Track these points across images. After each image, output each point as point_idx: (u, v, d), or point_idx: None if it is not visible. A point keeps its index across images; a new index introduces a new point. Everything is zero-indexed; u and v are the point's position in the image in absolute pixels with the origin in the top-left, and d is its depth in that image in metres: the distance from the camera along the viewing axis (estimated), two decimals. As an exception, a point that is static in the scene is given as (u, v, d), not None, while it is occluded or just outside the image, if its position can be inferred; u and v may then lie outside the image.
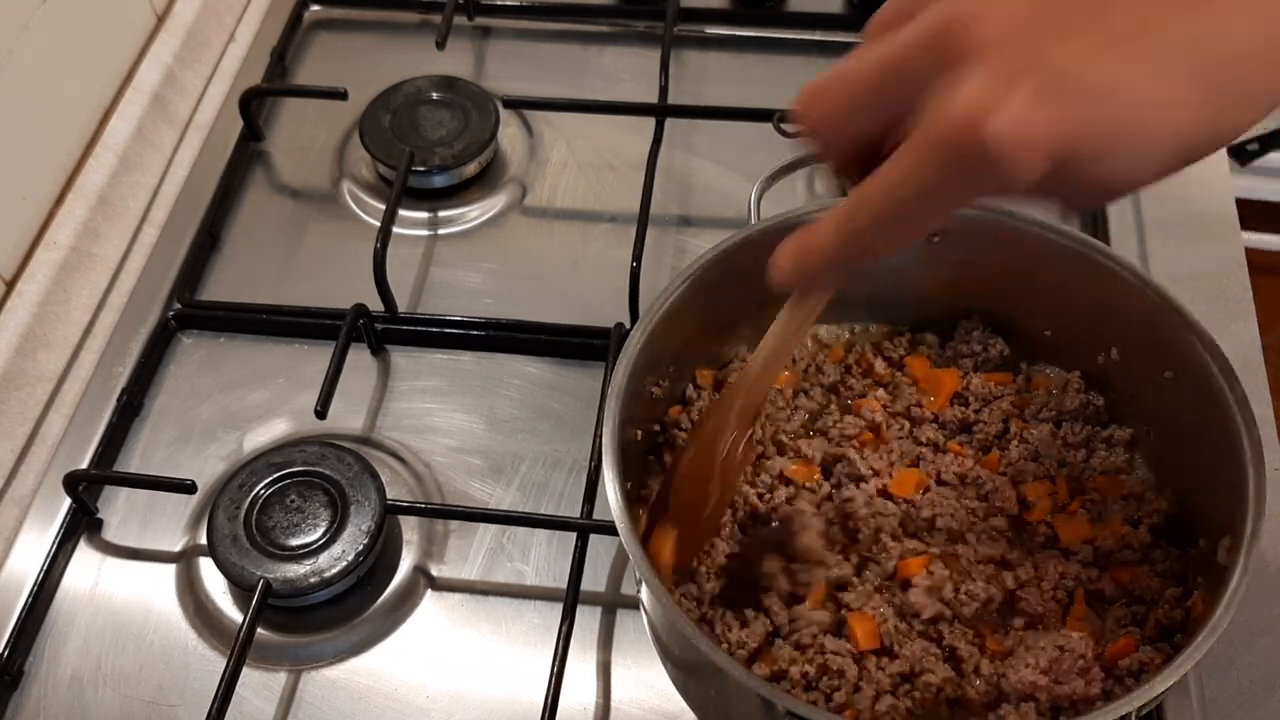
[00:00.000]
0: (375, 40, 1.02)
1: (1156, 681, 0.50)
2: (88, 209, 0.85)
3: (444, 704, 0.67)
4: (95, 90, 0.90)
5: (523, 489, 0.75)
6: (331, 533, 0.70)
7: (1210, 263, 0.84)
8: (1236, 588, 0.52)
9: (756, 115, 0.88)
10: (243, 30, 1.03)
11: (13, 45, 0.79)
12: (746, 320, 0.69)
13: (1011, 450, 0.67)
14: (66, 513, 0.73)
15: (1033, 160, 0.38)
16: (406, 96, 0.93)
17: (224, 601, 0.71)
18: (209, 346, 0.83)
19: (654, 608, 0.61)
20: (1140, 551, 0.62)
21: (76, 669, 0.69)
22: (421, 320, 0.83)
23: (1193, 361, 0.60)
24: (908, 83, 0.41)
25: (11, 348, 0.78)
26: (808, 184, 0.90)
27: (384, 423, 0.79)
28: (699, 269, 0.64)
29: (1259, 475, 0.55)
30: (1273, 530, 0.61)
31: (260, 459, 0.73)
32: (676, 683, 0.64)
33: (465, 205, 0.90)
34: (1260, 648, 0.67)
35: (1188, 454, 0.63)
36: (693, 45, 1.00)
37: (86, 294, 0.84)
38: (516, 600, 0.71)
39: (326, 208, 0.91)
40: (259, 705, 0.67)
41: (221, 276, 0.87)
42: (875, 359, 0.71)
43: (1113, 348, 0.67)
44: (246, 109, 0.92)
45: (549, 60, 1.00)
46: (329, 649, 0.69)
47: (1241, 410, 0.57)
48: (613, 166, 0.92)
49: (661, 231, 0.87)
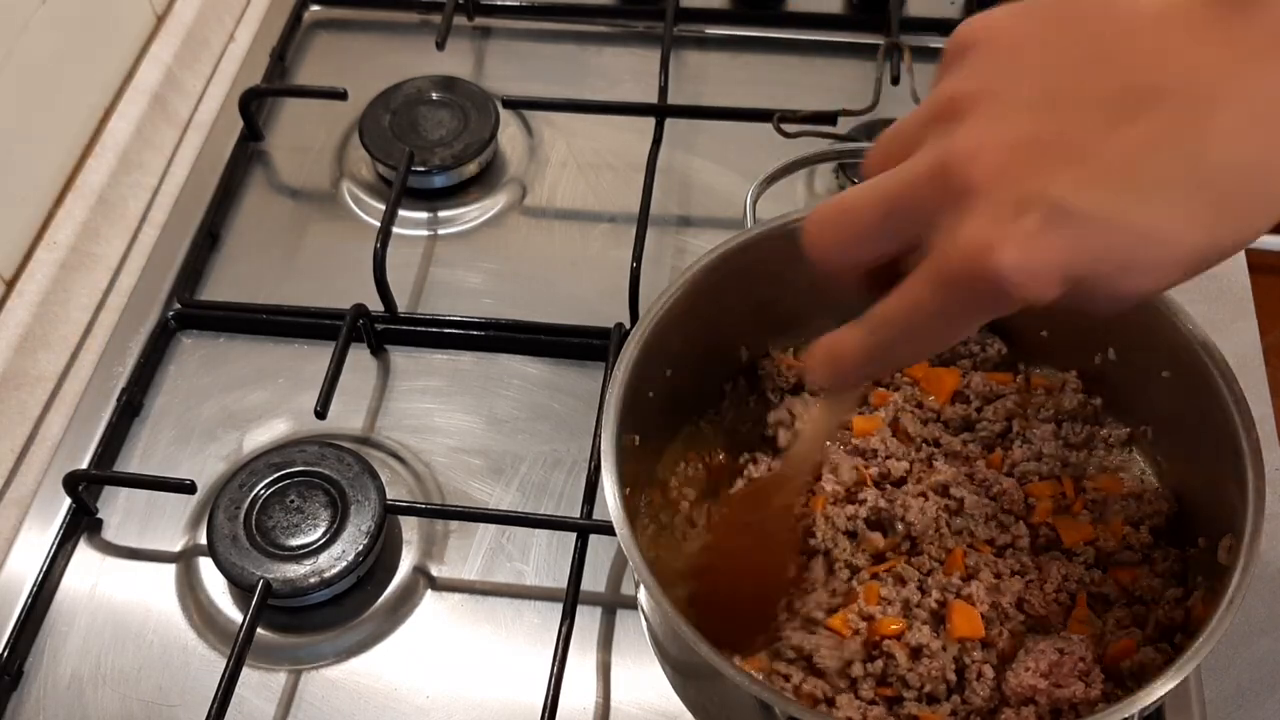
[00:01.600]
0: (375, 40, 1.02)
1: (1158, 684, 0.50)
2: (88, 209, 0.85)
3: (444, 704, 0.67)
4: (95, 90, 0.90)
5: (522, 489, 0.75)
6: (331, 533, 0.70)
7: (1210, 263, 0.84)
8: (1237, 588, 0.52)
9: (756, 115, 0.88)
10: (243, 30, 1.03)
11: (13, 45, 0.79)
12: (745, 321, 0.69)
13: (1014, 450, 0.67)
14: (66, 513, 0.73)
15: (1046, 286, 0.39)
16: (406, 96, 0.93)
17: (224, 601, 0.71)
18: (209, 346, 0.83)
19: (652, 611, 0.61)
20: (1141, 552, 0.62)
21: (76, 669, 0.69)
22: (421, 320, 0.83)
23: (1191, 361, 0.60)
24: (913, 216, 0.42)
25: (11, 348, 0.78)
26: (806, 184, 0.90)
27: (384, 423, 0.79)
28: (699, 270, 0.64)
29: (1259, 475, 0.55)
30: (1273, 530, 0.61)
31: (260, 459, 0.73)
32: (675, 685, 0.64)
33: (465, 205, 0.90)
34: (1260, 648, 0.67)
35: (1187, 454, 0.63)
36: (692, 45, 1.00)
37: (86, 294, 0.84)
38: (516, 600, 0.71)
39: (326, 208, 0.91)
40: (259, 705, 0.67)
41: (221, 276, 0.87)
42: None
43: (1110, 348, 0.67)
44: (246, 109, 0.92)
45: (549, 60, 1.00)
46: (329, 649, 0.69)
47: (1241, 410, 0.57)
48: (612, 166, 0.92)
49: (661, 231, 0.87)
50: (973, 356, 0.70)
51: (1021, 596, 0.61)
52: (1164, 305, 0.61)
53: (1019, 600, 0.61)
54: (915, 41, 0.94)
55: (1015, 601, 0.61)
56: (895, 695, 0.58)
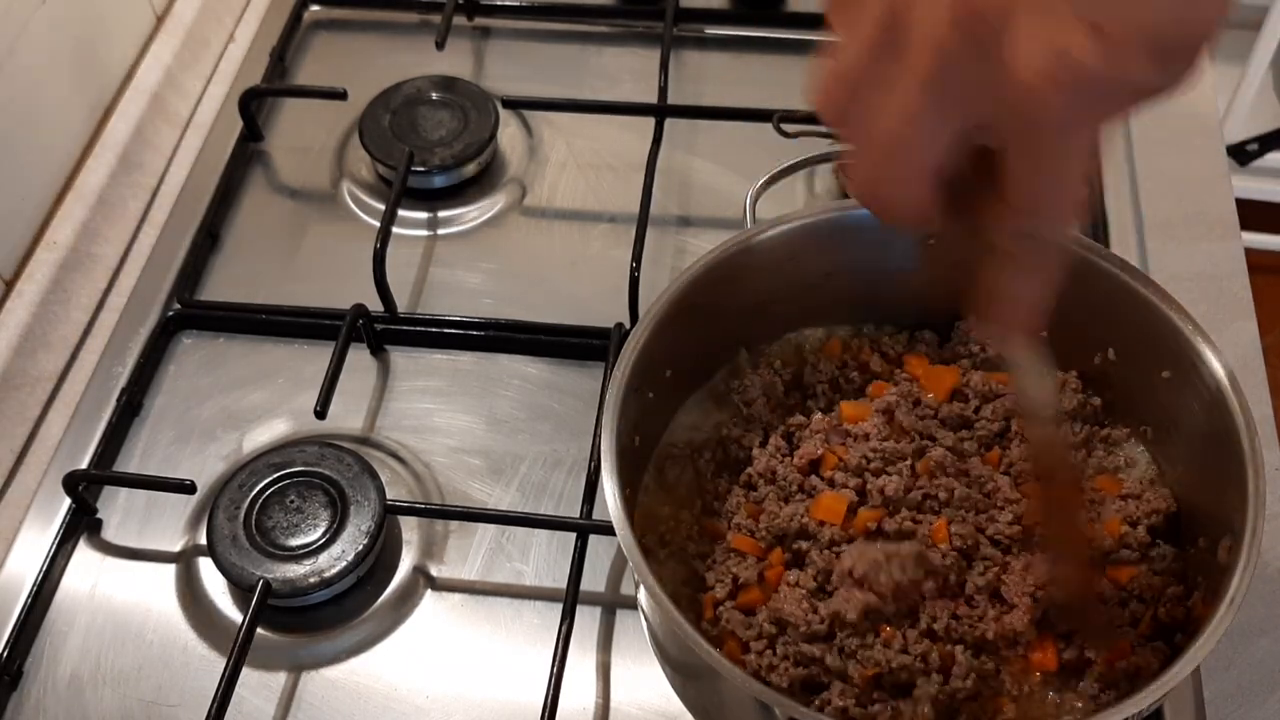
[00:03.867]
0: (375, 40, 1.02)
1: (1158, 684, 0.50)
2: (87, 209, 0.85)
3: (444, 704, 0.67)
4: (95, 90, 0.90)
5: (522, 489, 0.75)
6: (331, 533, 0.70)
7: (1210, 263, 0.84)
8: (1237, 588, 0.52)
9: (756, 115, 0.88)
10: (242, 30, 1.03)
11: (13, 45, 0.79)
12: (745, 321, 0.69)
13: (1012, 450, 0.66)
14: (66, 513, 0.73)
15: (1138, 61, 0.36)
16: (406, 96, 0.93)
17: (224, 601, 0.71)
18: (209, 346, 0.83)
19: (652, 611, 0.61)
20: (1139, 551, 0.62)
21: (76, 669, 0.69)
22: (421, 320, 0.83)
23: (1191, 361, 0.60)
24: (959, 88, 0.39)
25: (11, 348, 0.78)
26: (806, 184, 0.90)
27: (384, 423, 0.79)
28: (699, 270, 0.64)
29: (1259, 475, 0.55)
30: (1273, 530, 0.61)
31: (260, 459, 0.73)
32: (675, 685, 0.64)
33: (465, 205, 0.90)
34: (1260, 648, 0.67)
35: (1187, 454, 0.63)
36: (692, 45, 1.00)
37: (86, 294, 0.84)
38: (516, 600, 0.71)
39: (326, 208, 0.91)
40: (259, 705, 0.67)
41: (221, 276, 0.87)
42: (872, 355, 0.70)
43: (1110, 348, 0.67)
44: (246, 109, 0.92)
45: (549, 60, 1.00)
46: (329, 649, 0.69)
47: (1241, 410, 0.57)
48: (612, 166, 0.92)
49: (661, 231, 0.87)
50: (973, 356, 0.70)
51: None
52: (1164, 305, 0.61)
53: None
54: (915, 41, 0.93)
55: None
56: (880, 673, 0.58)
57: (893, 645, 0.58)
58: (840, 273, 0.68)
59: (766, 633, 0.60)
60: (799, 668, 0.58)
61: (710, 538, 0.65)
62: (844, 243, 0.67)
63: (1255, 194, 1.87)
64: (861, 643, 0.58)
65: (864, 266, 0.68)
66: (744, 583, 0.61)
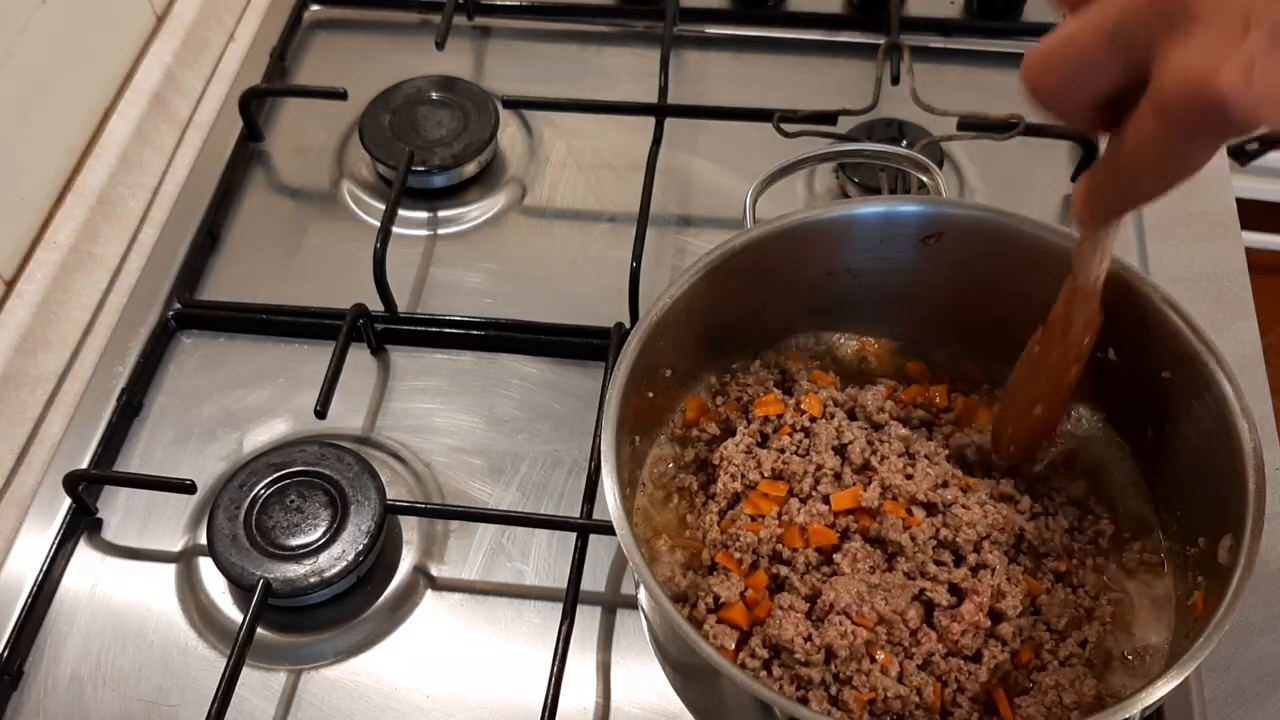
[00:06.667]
0: (375, 40, 1.02)
1: (1158, 684, 0.50)
2: (87, 209, 0.85)
3: (444, 704, 0.67)
4: (95, 90, 0.90)
5: (523, 489, 0.75)
6: (331, 533, 0.70)
7: (1210, 263, 0.84)
8: (1237, 588, 0.52)
9: (756, 115, 0.88)
10: (243, 30, 1.03)
11: (13, 45, 0.79)
12: (745, 321, 0.69)
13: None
14: (66, 513, 0.73)
15: (1274, 109, 0.39)
16: (406, 96, 0.93)
17: (224, 601, 0.71)
18: (209, 346, 0.83)
19: (652, 611, 0.61)
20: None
21: (76, 669, 0.69)
22: (421, 320, 0.83)
23: (1191, 361, 0.60)
24: (1135, 43, 0.42)
25: (11, 348, 0.78)
26: (806, 184, 0.90)
27: (384, 423, 0.79)
28: (698, 270, 0.64)
29: (1259, 475, 0.55)
30: (1273, 530, 0.61)
31: (260, 459, 0.73)
32: (675, 685, 0.64)
33: (465, 205, 0.90)
34: (1260, 648, 0.67)
35: (1187, 454, 0.63)
36: (693, 45, 1.00)
37: (86, 294, 0.84)
38: (516, 600, 0.71)
39: (326, 208, 0.91)
40: (259, 705, 0.67)
41: (221, 276, 0.87)
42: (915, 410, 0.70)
43: (1110, 348, 0.67)
44: (246, 109, 0.92)
45: (549, 60, 1.00)
46: (329, 649, 0.69)
47: (1241, 410, 0.57)
48: (612, 166, 0.92)
49: (661, 231, 0.87)
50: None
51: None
52: (1164, 305, 0.61)
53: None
54: (915, 41, 0.94)
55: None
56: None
57: (890, 672, 0.58)
58: (840, 273, 0.69)
59: (760, 655, 0.59)
60: (795, 688, 0.59)
61: (695, 551, 0.65)
62: (844, 243, 0.67)
63: (1255, 194, 1.87)
64: (858, 668, 0.58)
65: (864, 266, 0.68)
66: (725, 601, 0.61)
